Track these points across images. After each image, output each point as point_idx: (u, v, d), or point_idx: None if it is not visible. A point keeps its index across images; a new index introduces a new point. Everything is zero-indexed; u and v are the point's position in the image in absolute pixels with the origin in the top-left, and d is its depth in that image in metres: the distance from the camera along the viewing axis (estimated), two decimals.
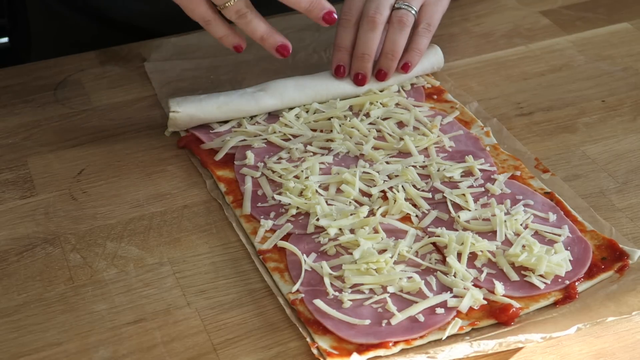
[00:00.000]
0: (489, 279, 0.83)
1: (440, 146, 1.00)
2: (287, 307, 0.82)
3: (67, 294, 0.84)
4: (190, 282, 0.85)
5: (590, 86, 1.13)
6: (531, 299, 0.82)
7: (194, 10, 1.00)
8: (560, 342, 0.79)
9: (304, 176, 0.95)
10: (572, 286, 0.82)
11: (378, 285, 0.82)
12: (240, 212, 0.93)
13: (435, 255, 0.86)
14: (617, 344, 0.79)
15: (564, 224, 0.89)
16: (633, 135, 1.04)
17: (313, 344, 0.78)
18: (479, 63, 1.17)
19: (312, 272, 0.84)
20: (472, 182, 0.94)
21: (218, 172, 0.98)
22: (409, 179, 0.94)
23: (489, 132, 1.03)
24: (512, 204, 0.91)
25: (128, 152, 1.02)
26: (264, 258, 0.87)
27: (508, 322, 0.80)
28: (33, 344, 0.79)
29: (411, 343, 0.78)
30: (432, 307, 0.80)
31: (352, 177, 0.94)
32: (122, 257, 0.88)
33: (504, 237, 0.87)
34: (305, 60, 1.18)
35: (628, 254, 0.85)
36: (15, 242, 0.90)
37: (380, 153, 0.99)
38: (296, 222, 0.90)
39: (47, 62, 1.19)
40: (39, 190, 0.97)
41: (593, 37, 1.23)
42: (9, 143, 1.04)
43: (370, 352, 0.76)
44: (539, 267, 0.83)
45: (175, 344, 0.79)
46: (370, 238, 0.87)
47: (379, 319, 0.79)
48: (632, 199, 0.94)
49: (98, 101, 1.11)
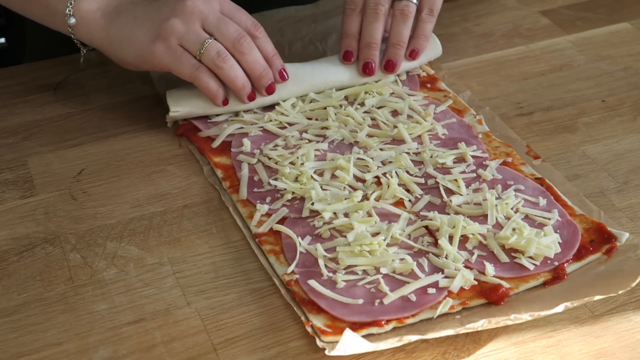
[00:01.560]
0: (479, 261, 0.85)
1: (433, 134, 1.02)
2: (282, 287, 0.83)
3: (67, 294, 0.84)
4: (190, 282, 0.85)
5: (590, 86, 1.13)
6: (521, 280, 0.84)
7: (180, 60, 1.01)
8: (560, 342, 0.79)
9: (299, 162, 0.97)
10: (561, 267, 0.84)
11: (371, 266, 0.84)
12: (237, 197, 0.94)
13: (427, 238, 0.88)
14: (617, 344, 0.79)
15: (554, 208, 0.91)
16: (633, 135, 1.04)
17: (307, 322, 0.79)
18: (479, 63, 1.17)
19: (307, 254, 0.86)
20: (464, 168, 0.96)
21: (215, 158, 1.00)
22: (402, 165, 0.96)
23: (482, 120, 1.05)
24: (503, 189, 0.93)
25: (128, 152, 1.02)
26: (260, 241, 0.89)
27: (498, 302, 0.81)
28: (33, 344, 0.79)
29: (403, 322, 0.80)
30: (424, 288, 0.82)
31: (346, 163, 0.95)
32: (122, 257, 0.88)
33: (495, 221, 0.89)
34: (302, 50, 1.19)
35: (616, 237, 0.87)
36: (15, 242, 0.90)
37: (374, 140, 1.01)
38: (291, 207, 0.92)
39: (47, 62, 1.19)
40: (39, 190, 0.97)
41: (593, 37, 1.23)
42: (9, 143, 1.04)
43: (364, 330, 0.78)
44: (529, 249, 0.85)
45: (175, 344, 0.79)
46: (364, 221, 0.88)
47: (372, 298, 0.81)
48: (632, 199, 0.94)
49: (98, 101, 1.12)
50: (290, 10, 1.26)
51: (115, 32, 1.03)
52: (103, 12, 1.03)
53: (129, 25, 1.02)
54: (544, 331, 0.80)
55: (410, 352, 0.78)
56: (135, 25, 1.02)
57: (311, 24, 1.24)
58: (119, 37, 1.03)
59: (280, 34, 1.21)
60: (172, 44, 1.00)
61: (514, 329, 0.80)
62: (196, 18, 1.01)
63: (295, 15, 1.25)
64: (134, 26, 1.02)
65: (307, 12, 1.26)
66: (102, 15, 1.03)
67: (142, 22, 1.02)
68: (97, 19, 1.03)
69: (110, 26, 1.03)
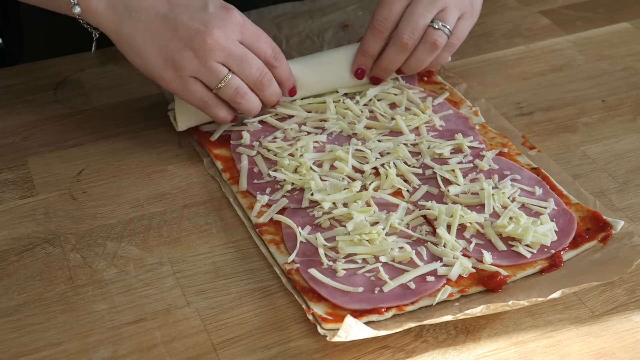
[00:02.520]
0: (477, 249, 0.86)
1: (430, 125, 1.03)
2: (283, 276, 0.84)
3: (67, 294, 0.84)
4: (190, 282, 0.85)
5: (590, 86, 1.13)
6: (518, 267, 0.85)
7: (189, 92, 0.97)
8: (560, 342, 0.79)
9: (298, 154, 0.98)
10: (557, 255, 0.86)
11: (371, 255, 0.85)
12: (236, 188, 0.95)
13: (425, 227, 0.89)
14: (617, 344, 0.79)
15: (550, 197, 0.92)
16: (633, 135, 1.04)
17: (308, 310, 0.80)
18: (479, 63, 1.17)
19: (307, 244, 0.87)
20: (462, 159, 0.97)
21: (215, 150, 1.01)
22: (400, 156, 0.97)
23: (478, 111, 1.06)
24: (499, 178, 0.95)
25: (128, 152, 1.02)
26: (261, 231, 0.90)
27: (496, 289, 0.83)
28: (33, 343, 0.79)
29: (403, 309, 0.81)
30: (423, 276, 0.83)
31: (345, 154, 0.96)
32: (122, 257, 0.88)
33: (492, 210, 0.90)
34: (299, 45, 1.21)
35: (611, 225, 0.88)
36: (15, 242, 0.90)
37: (372, 132, 1.02)
38: (291, 197, 0.93)
39: (47, 62, 1.19)
40: (39, 190, 0.97)
41: (593, 37, 1.23)
42: (9, 143, 1.04)
43: (364, 317, 0.79)
44: (526, 237, 0.86)
45: (175, 344, 0.79)
46: (363, 211, 0.89)
47: (372, 286, 0.82)
48: (632, 198, 0.94)
49: (98, 101, 1.12)
50: (287, 7, 1.27)
51: (125, 37, 0.97)
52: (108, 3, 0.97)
53: (141, 37, 0.96)
54: (544, 331, 0.80)
55: (410, 352, 0.78)
56: (148, 41, 0.96)
57: (308, 19, 1.26)
58: (129, 45, 0.97)
59: (277, 29, 1.24)
60: (184, 74, 0.96)
61: (514, 329, 0.80)
62: (216, 54, 0.95)
63: (292, 12, 1.27)
64: (146, 41, 0.96)
65: (304, 8, 1.28)
66: (108, 6, 0.97)
67: (156, 40, 0.95)
68: (103, 9, 0.97)
69: (120, 27, 0.97)
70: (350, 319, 0.75)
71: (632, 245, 0.85)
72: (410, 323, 0.77)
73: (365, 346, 0.78)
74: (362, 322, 0.77)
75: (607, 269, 0.83)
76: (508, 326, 0.80)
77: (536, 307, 0.82)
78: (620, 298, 0.83)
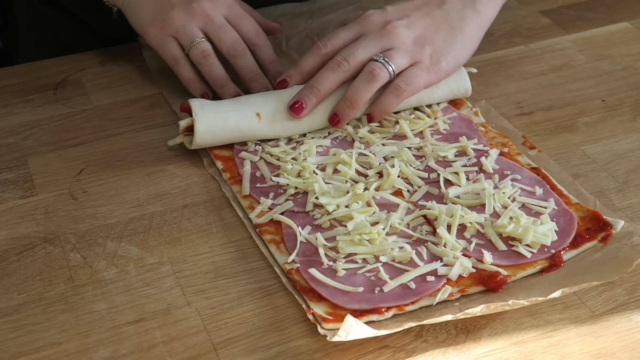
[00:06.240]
0: (477, 249, 0.86)
1: (435, 129, 1.03)
2: (283, 276, 0.84)
3: (67, 294, 0.84)
4: (190, 282, 0.85)
5: (590, 86, 1.13)
6: (518, 267, 0.85)
7: (164, 48, 1.07)
8: (560, 342, 0.79)
9: (301, 158, 0.97)
10: (557, 255, 0.86)
11: (371, 255, 0.85)
12: (237, 188, 0.95)
13: (425, 227, 0.89)
14: (617, 343, 0.79)
15: (550, 197, 0.92)
16: (633, 135, 1.04)
17: (308, 310, 0.80)
18: (479, 63, 1.17)
19: (307, 244, 0.87)
20: (466, 162, 0.97)
21: (215, 150, 1.01)
22: (404, 159, 0.97)
23: (478, 112, 1.06)
24: (500, 178, 0.95)
25: (128, 152, 1.02)
26: (260, 231, 0.90)
27: (496, 289, 0.83)
28: (33, 343, 0.79)
29: (403, 309, 0.81)
30: (423, 275, 0.83)
31: (348, 158, 0.96)
32: (122, 256, 0.88)
33: (492, 210, 0.90)
34: (299, 45, 1.21)
35: (612, 225, 0.88)
36: (15, 241, 0.90)
37: (376, 136, 1.01)
38: (295, 202, 0.93)
39: (47, 62, 1.19)
40: (39, 189, 0.97)
41: (593, 36, 1.23)
42: (9, 143, 1.04)
43: (364, 317, 0.79)
44: (526, 237, 0.86)
45: (175, 344, 0.79)
46: (363, 211, 0.89)
47: (372, 286, 0.82)
48: (632, 198, 0.94)
49: (98, 101, 1.12)
50: (287, 7, 1.27)
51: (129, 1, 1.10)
52: None
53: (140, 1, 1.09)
54: (544, 331, 0.80)
55: (410, 352, 0.78)
56: (145, 3, 1.09)
57: (308, 19, 1.26)
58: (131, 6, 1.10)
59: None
60: (165, 32, 1.06)
61: (514, 328, 0.80)
62: (198, 20, 1.06)
63: (292, 12, 1.27)
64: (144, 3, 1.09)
65: (303, 9, 1.28)
66: None
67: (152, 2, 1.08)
68: None
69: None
70: (351, 318, 0.75)
71: (632, 245, 0.85)
72: (410, 323, 0.77)
73: (365, 346, 0.78)
74: (362, 321, 0.77)
75: (607, 269, 0.83)
76: (508, 326, 0.80)
77: (536, 307, 0.82)
78: (620, 298, 0.83)
